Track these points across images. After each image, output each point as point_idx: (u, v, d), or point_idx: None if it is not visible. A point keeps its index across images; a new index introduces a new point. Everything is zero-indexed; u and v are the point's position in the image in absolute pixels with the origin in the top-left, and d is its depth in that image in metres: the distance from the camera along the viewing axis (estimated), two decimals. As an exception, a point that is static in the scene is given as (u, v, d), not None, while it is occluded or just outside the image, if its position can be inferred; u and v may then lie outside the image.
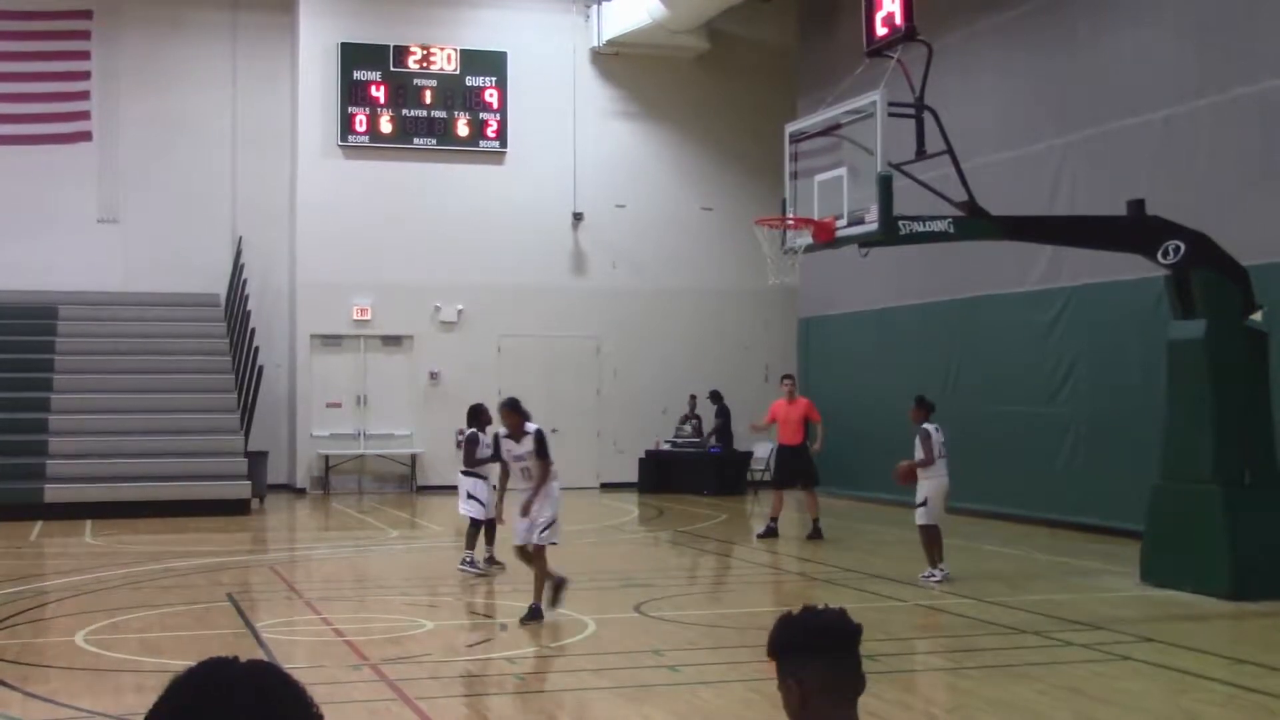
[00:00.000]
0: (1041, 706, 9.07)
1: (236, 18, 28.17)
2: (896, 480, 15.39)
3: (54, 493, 22.09)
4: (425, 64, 28.27)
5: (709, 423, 27.52)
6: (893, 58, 14.47)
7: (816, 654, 3.30)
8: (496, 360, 28.31)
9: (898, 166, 14.11)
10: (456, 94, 28.37)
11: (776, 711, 9.28)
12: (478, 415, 16.11)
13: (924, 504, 14.96)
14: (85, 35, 27.06)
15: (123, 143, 27.39)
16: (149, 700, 1.96)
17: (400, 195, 27.92)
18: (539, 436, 12.57)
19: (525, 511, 12.33)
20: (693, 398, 27.79)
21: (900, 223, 13.92)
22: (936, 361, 22.94)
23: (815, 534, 18.97)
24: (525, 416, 12.72)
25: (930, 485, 14.98)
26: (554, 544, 12.44)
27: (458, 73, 28.40)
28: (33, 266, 26.32)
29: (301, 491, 27.20)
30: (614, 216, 29.12)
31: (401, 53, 28.15)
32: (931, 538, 14.99)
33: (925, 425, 15.08)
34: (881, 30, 14.78)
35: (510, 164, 28.58)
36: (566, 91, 29.01)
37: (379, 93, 28.00)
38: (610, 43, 28.93)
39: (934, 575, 14.82)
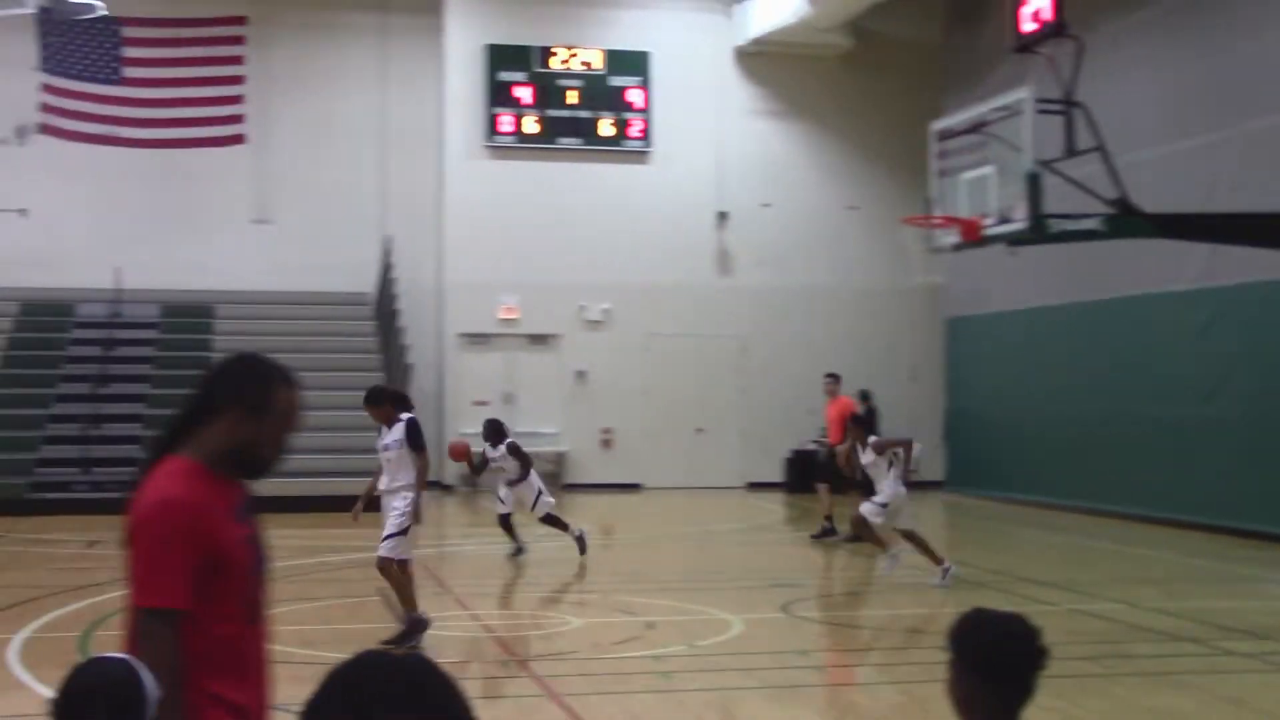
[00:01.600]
0: (1202, 717, 8.86)
1: (386, 21, 28.64)
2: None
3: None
4: (569, 65, 28.47)
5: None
6: (1041, 53, 14.24)
7: (974, 667, 3.24)
8: (642, 359, 28.43)
9: (1046, 164, 13.88)
10: (601, 94, 28.52)
11: (925, 714, 9.13)
12: (494, 431, 17.33)
13: (885, 505, 14.95)
14: (240, 40, 27.67)
15: (276, 145, 28.02)
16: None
17: (546, 195, 28.14)
18: (411, 424, 11.74)
19: (418, 518, 11.50)
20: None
21: (1049, 221, 13.71)
22: (1085, 361, 22.55)
23: (824, 534, 19.16)
24: (393, 406, 12.16)
25: (901, 492, 15.04)
26: (405, 559, 11.37)
27: (602, 73, 28.56)
28: (191, 266, 27.08)
29: (449, 488, 27.54)
30: (759, 215, 29.04)
31: (546, 54, 28.37)
32: (873, 532, 15.11)
33: (872, 438, 15.34)
34: (1030, 25, 14.55)
35: (655, 163, 28.67)
36: (711, 91, 29.01)
37: (524, 93, 28.26)
38: (754, 41, 28.85)
39: (894, 561, 15.05)
